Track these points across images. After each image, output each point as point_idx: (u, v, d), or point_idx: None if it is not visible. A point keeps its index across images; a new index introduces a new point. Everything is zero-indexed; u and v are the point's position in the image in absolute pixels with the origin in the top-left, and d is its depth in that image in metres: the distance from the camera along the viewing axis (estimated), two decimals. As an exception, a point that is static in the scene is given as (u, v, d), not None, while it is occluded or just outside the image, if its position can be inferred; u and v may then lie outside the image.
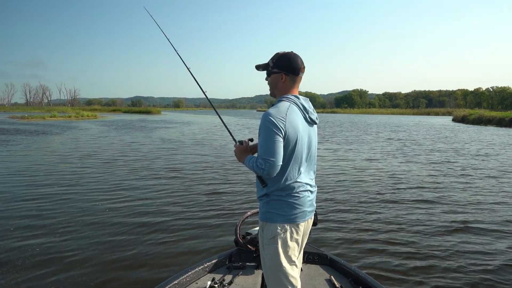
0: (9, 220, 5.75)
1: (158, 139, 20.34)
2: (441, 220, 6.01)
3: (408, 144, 19.06)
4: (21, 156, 13.07)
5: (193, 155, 13.82)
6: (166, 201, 7.00)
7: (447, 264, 4.37)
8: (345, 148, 16.72)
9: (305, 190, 2.12)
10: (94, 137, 21.13)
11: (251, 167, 2.06)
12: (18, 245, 4.77)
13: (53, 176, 9.26)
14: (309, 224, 2.22)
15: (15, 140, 18.48)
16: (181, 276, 2.89)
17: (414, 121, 54.47)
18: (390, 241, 5.07)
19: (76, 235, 5.16)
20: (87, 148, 15.51)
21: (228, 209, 6.53)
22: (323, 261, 3.25)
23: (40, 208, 6.39)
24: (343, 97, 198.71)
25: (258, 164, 1.99)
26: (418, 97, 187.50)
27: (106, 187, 8.13)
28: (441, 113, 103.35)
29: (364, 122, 48.80)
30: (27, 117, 46.63)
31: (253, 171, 2.06)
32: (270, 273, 2.12)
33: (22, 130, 26.20)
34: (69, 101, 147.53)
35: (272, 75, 2.18)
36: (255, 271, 3.12)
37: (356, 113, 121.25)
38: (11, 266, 4.19)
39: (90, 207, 6.55)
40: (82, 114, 54.85)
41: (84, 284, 3.83)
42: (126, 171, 10.21)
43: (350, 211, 6.49)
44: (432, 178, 9.64)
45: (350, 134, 26.48)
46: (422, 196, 7.65)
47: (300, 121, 2.08)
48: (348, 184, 8.76)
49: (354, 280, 2.92)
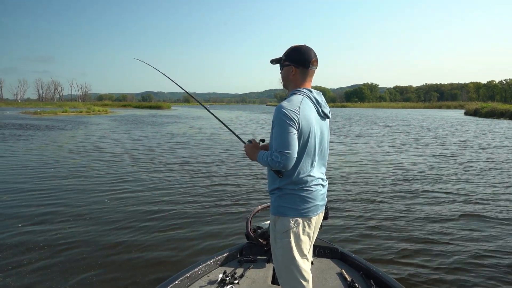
0: (20, 209, 5.86)
1: (167, 134, 20.45)
2: (455, 214, 5.97)
3: (417, 137, 18.89)
4: (35, 150, 13.26)
5: (203, 149, 13.88)
6: (176, 195, 7.06)
7: (461, 259, 4.35)
8: (354, 142, 16.63)
9: (318, 184, 2.12)
10: (105, 132, 21.34)
11: (265, 162, 2.05)
12: (29, 234, 4.88)
13: (65, 169, 9.40)
14: (320, 218, 2.22)
15: (29, 135, 18.75)
16: (193, 269, 2.92)
17: (425, 115, 53.88)
18: (401, 235, 5.06)
19: (86, 227, 5.25)
20: (99, 143, 15.67)
21: (239, 203, 6.57)
22: (334, 255, 3.25)
23: (51, 200, 6.51)
24: (353, 91, 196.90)
25: (273, 158, 1.97)
26: (429, 90, 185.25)
27: (117, 181, 8.22)
28: (453, 106, 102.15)
29: (374, 116, 48.41)
30: (40, 113, 47.18)
31: (268, 165, 2.05)
32: (282, 267, 2.13)
33: (35, 125, 26.55)
34: (80, 97, 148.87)
35: (284, 68, 2.19)
36: (266, 264, 3.14)
37: (366, 107, 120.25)
38: (18, 253, 4.29)
39: (100, 200, 6.64)
40: (93, 109, 55.34)
41: (96, 277, 3.89)
42: (136, 165, 10.31)
43: (361, 204, 6.48)
44: (444, 171, 9.56)
45: (359, 128, 26.31)
46: (434, 189, 7.59)
47: (313, 115, 2.08)
48: (357, 178, 8.74)
49: (365, 274, 2.92)
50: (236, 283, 2.82)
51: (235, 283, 2.82)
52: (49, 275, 3.91)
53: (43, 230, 5.14)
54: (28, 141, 16.27)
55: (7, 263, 4.14)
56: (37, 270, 4.00)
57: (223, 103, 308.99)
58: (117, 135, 19.41)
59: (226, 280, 2.82)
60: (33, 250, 4.50)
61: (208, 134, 20.39)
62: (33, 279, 3.82)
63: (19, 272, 3.95)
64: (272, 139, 2.03)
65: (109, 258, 4.33)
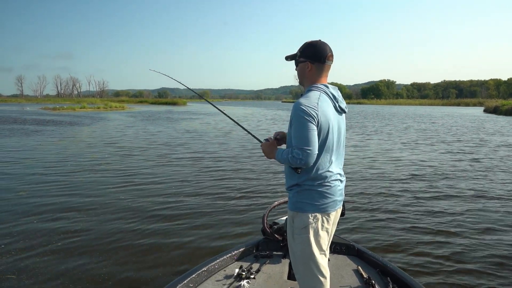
0: (42, 199, 6.01)
1: (183, 130, 20.60)
2: (476, 210, 5.88)
3: (434, 134, 18.61)
4: (56, 144, 13.53)
5: (218, 145, 13.95)
6: (192, 190, 7.13)
7: (482, 257, 4.29)
8: (370, 138, 16.49)
9: (336, 179, 2.12)
10: (122, 128, 21.61)
11: (285, 160, 2.03)
12: (43, 225, 5.00)
13: (85, 163, 9.57)
14: (338, 213, 2.22)
15: (49, 130, 19.14)
16: (209, 263, 2.95)
17: (443, 112, 52.97)
18: (419, 232, 5.00)
19: (101, 220, 5.35)
20: (116, 138, 15.89)
21: (255, 199, 6.60)
22: (350, 251, 3.24)
23: (72, 191, 6.65)
24: (370, 87, 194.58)
25: (294, 155, 1.95)
26: (448, 87, 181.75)
27: (134, 174, 8.34)
28: (471, 103, 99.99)
29: (389, 113, 47.83)
30: (59, 108, 48.06)
31: (287, 163, 2.04)
32: (301, 263, 2.13)
33: (55, 120, 27.09)
34: (98, 93, 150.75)
35: (300, 64, 2.18)
36: (282, 260, 3.15)
37: (383, 104, 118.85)
38: (28, 242, 4.41)
39: (117, 192, 6.75)
40: (110, 105, 56.05)
41: (111, 269, 3.96)
42: (153, 160, 10.43)
43: (378, 201, 6.43)
44: (463, 168, 9.41)
45: (374, 124, 26.05)
46: (451, 186, 7.48)
47: (331, 110, 2.07)
48: (373, 174, 8.66)
49: (382, 271, 2.91)
50: (252, 278, 2.84)
51: (251, 278, 2.84)
52: (66, 261, 4.01)
53: (64, 219, 5.27)
54: (49, 136, 16.61)
55: (21, 249, 4.26)
56: (53, 257, 4.11)
57: (238, 99, 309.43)
58: (134, 130, 19.67)
59: (242, 274, 2.84)
60: (48, 238, 4.62)
61: (223, 130, 20.46)
62: (47, 266, 3.92)
63: (32, 257, 4.06)
64: (292, 137, 2.02)
65: (120, 252, 4.40)
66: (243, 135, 17.38)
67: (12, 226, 5.10)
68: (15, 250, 4.36)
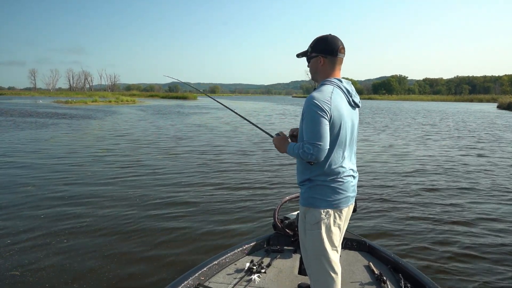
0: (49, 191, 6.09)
1: (193, 124, 20.64)
2: (484, 209, 5.81)
3: (445, 130, 18.40)
4: (69, 137, 13.69)
5: (229, 139, 13.95)
6: (204, 184, 7.16)
7: (496, 255, 4.24)
8: (379, 134, 16.36)
9: (349, 175, 2.10)
10: (133, 121, 21.74)
11: (296, 154, 2.03)
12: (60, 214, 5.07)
13: (94, 156, 9.68)
14: (350, 209, 2.20)
15: (61, 124, 19.36)
16: (220, 257, 2.97)
17: (456, 108, 52.28)
18: (430, 228, 4.97)
19: (111, 214, 5.39)
20: (127, 131, 16.00)
21: (266, 194, 6.61)
22: (361, 247, 3.23)
23: (84, 183, 6.74)
24: (381, 83, 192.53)
25: (305, 150, 1.94)
26: (460, 83, 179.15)
27: (144, 169, 8.39)
28: (485, 99, 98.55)
29: (398, 108, 47.36)
30: (71, 102, 48.51)
31: (299, 157, 2.03)
32: (312, 258, 2.13)
33: (68, 114, 27.36)
34: (109, 87, 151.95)
35: (312, 59, 2.17)
36: (293, 255, 3.16)
37: (394, 100, 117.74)
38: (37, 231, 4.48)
39: (128, 188, 6.80)
40: (121, 99, 56.42)
41: (121, 261, 4.00)
42: (162, 153, 10.50)
43: (389, 197, 6.39)
44: (474, 164, 9.29)
45: (383, 120, 25.84)
46: (463, 184, 7.39)
47: (344, 105, 2.05)
48: (385, 169, 8.60)
49: (393, 267, 2.89)
50: (263, 272, 2.86)
51: (262, 272, 2.85)
52: (79, 253, 4.07)
53: (71, 213, 5.34)
54: (64, 128, 16.80)
55: (25, 244, 4.33)
56: (63, 248, 4.17)
57: (249, 94, 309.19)
58: (144, 125, 19.77)
59: (253, 269, 2.86)
60: (58, 229, 4.69)
61: (233, 125, 20.47)
62: (53, 263, 3.97)
63: (36, 253, 4.12)
64: (303, 131, 2.01)
65: (134, 243, 4.45)
66: (253, 129, 17.37)
67: (18, 219, 5.16)
68: (20, 245, 4.39)
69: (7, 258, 3.97)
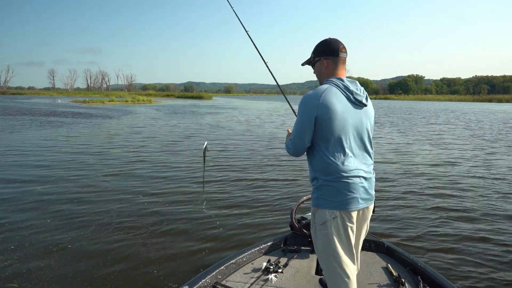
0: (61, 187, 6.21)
1: (209, 124, 20.75)
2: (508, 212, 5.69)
3: (464, 131, 18.08)
4: (86, 136, 13.93)
5: (247, 140, 13.98)
6: (222, 185, 7.19)
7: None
8: (400, 137, 16.17)
9: (356, 175, 2.03)
10: (150, 121, 21.96)
11: (286, 150, 2.25)
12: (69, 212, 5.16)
13: (113, 155, 9.83)
14: (365, 212, 2.13)
15: (79, 123, 19.70)
16: (237, 256, 2.99)
17: (474, 108, 51.33)
18: (450, 231, 4.89)
19: (128, 212, 5.46)
20: (143, 131, 16.18)
21: (284, 194, 6.60)
22: (379, 249, 3.21)
23: (104, 181, 6.84)
24: (397, 82, 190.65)
25: (287, 145, 2.21)
26: (479, 82, 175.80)
27: (162, 168, 8.48)
28: (504, 99, 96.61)
29: (412, 109, 46.72)
30: (89, 101, 49.33)
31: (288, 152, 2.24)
32: (323, 259, 2.12)
33: (85, 113, 27.81)
34: (126, 86, 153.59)
35: (316, 64, 2.23)
36: (309, 255, 3.15)
37: (410, 100, 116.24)
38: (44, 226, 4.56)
39: (143, 185, 6.89)
40: (138, 99, 57.00)
41: (137, 259, 4.05)
42: (180, 153, 10.58)
43: (408, 199, 6.31)
44: (493, 166, 9.11)
45: (399, 121, 25.51)
46: (482, 185, 7.26)
47: (339, 103, 2.00)
48: (404, 171, 8.49)
49: (412, 269, 2.86)
50: (280, 271, 2.86)
51: (279, 271, 2.86)
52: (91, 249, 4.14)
53: (80, 214, 5.42)
54: (80, 127, 17.10)
55: (25, 252, 4.40)
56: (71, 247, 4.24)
57: (263, 94, 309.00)
58: (161, 124, 19.97)
59: (270, 268, 2.87)
60: (68, 227, 4.77)
61: (249, 125, 20.52)
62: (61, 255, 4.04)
63: (37, 261, 4.20)
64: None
65: (151, 241, 4.50)
66: (269, 130, 17.38)
67: (25, 223, 5.22)
68: (18, 252, 4.48)
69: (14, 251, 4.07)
